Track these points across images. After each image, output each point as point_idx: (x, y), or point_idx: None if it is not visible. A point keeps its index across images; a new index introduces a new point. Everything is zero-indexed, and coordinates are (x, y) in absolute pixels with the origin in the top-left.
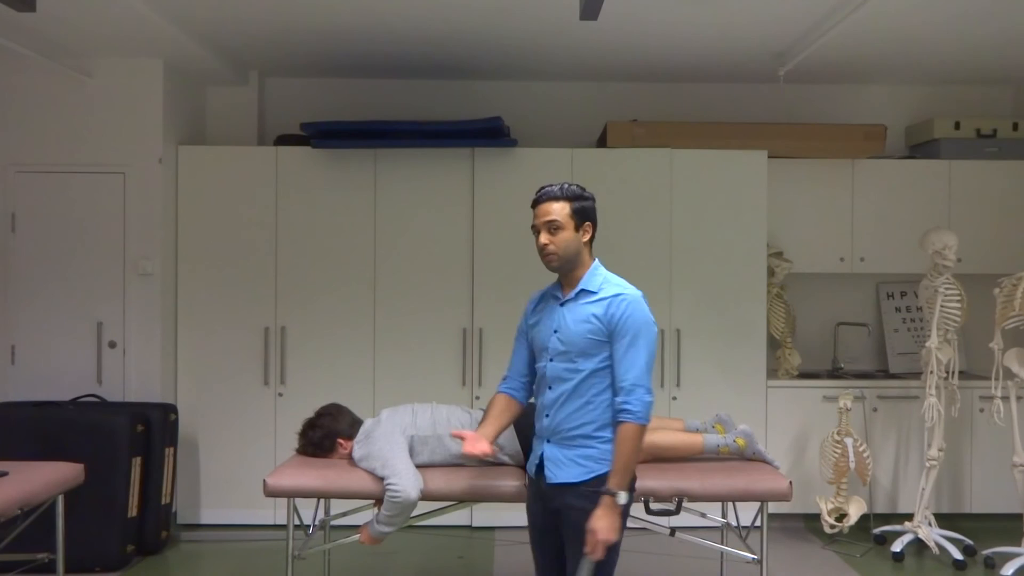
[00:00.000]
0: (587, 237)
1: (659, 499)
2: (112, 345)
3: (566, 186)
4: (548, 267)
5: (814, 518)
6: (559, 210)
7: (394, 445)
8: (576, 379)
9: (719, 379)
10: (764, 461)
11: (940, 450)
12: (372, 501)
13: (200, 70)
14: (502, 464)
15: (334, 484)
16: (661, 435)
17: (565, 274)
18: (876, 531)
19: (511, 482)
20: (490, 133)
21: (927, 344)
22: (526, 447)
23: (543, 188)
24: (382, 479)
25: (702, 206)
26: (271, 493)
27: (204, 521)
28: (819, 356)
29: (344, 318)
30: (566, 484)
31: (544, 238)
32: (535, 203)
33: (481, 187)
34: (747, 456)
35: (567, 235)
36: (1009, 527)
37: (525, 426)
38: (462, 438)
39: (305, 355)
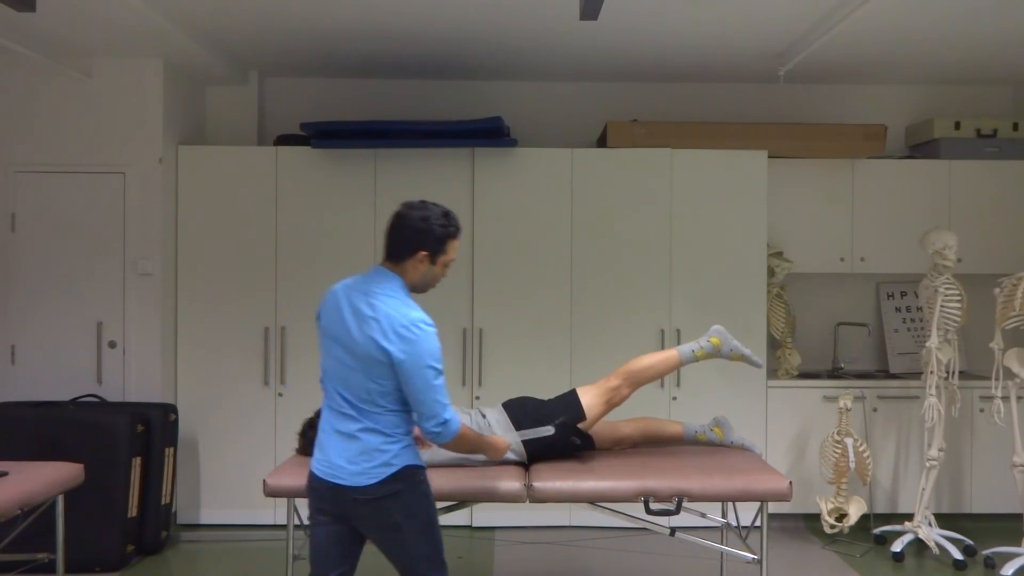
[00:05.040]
0: None
1: (659, 499)
2: (112, 345)
3: None
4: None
5: (814, 518)
6: None
7: None
8: None
9: (719, 379)
10: (743, 447)
11: (940, 450)
12: None
13: (200, 70)
14: (502, 464)
15: None
16: (637, 360)
17: None
18: (876, 531)
19: (511, 482)
20: (490, 133)
21: (927, 344)
22: (526, 446)
23: (456, 220)
24: None
25: (702, 206)
26: (271, 493)
27: (204, 521)
28: (819, 356)
29: None
30: None
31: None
32: (457, 234)
33: (481, 187)
34: (725, 441)
35: None
36: (1009, 527)
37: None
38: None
39: (305, 355)
